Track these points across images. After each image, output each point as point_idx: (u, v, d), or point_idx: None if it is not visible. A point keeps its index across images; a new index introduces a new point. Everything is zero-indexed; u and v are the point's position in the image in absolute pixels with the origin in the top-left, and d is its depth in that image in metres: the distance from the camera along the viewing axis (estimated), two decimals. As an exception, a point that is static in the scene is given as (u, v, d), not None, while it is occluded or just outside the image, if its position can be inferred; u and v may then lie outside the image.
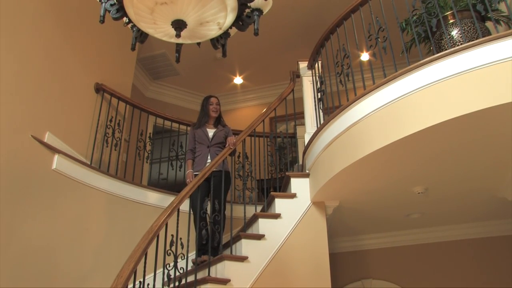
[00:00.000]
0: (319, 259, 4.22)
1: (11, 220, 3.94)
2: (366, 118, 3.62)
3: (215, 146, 4.85)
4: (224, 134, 4.95)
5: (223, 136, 4.92)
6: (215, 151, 4.79)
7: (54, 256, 4.32)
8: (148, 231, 3.43)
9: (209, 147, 4.85)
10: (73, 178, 4.70)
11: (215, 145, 4.86)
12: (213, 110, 5.07)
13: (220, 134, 4.93)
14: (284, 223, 4.29)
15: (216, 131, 4.97)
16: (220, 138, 4.90)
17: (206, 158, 4.80)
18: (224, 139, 4.89)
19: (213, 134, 4.93)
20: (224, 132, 4.98)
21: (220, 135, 4.93)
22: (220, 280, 3.83)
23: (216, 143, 4.87)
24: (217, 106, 5.11)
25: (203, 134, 4.94)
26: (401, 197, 4.48)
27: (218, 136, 4.91)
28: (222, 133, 4.95)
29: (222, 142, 4.89)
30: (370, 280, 5.74)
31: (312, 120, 4.86)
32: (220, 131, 4.97)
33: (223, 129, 5.02)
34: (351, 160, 3.68)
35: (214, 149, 4.82)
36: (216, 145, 4.86)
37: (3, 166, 3.93)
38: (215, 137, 4.91)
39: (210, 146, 4.86)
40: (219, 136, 4.91)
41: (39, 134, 4.42)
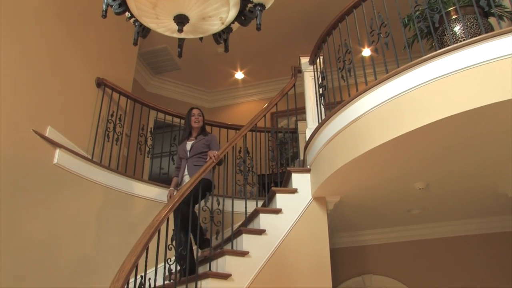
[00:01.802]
0: (320, 254, 4.23)
1: (13, 214, 3.95)
2: (368, 114, 3.61)
3: (193, 158, 4.73)
4: (204, 143, 4.79)
5: (202, 145, 4.77)
6: (192, 163, 4.69)
7: (56, 250, 4.33)
8: (150, 226, 3.43)
9: (187, 160, 4.76)
10: (74, 172, 4.71)
11: (193, 156, 4.74)
12: (195, 121, 4.95)
13: (198, 145, 4.79)
14: (285, 218, 4.29)
15: (194, 142, 4.84)
16: (198, 149, 4.76)
17: (183, 172, 4.74)
18: (205, 148, 4.76)
19: (191, 145, 4.82)
20: (204, 141, 4.82)
21: (198, 145, 4.78)
22: (221, 275, 3.84)
23: (194, 155, 4.74)
24: (199, 117, 4.99)
25: (182, 149, 4.87)
26: (402, 193, 4.48)
27: (195, 147, 4.78)
28: (200, 143, 4.80)
29: (202, 152, 4.74)
30: (371, 276, 5.74)
31: (314, 116, 4.86)
32: (199, 142, 4.83)
33: (203, 138, 4.86)
34: (352, 155, 3.68)
35: (191, 161, 4.71)
36: (195, 156, 4.73)
37: (4, 161, 3.94)
38: (193, 149, 4.78)
39: (187, 159, 4.76)
40: (197, 147, 4.78)
41: (40, 128, 4.42)
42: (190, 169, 4.65)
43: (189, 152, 4.76)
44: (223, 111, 8.76)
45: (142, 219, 4.97)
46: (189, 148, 4.79)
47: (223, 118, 8.20)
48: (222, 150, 4.43)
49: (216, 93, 8.84)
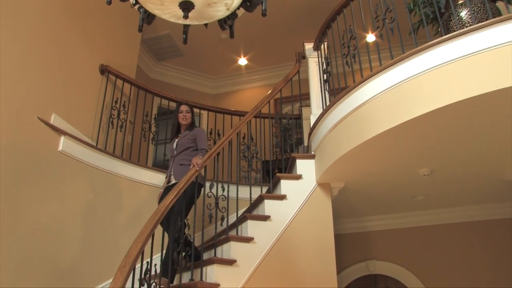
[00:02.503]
0: (324, 240, 4.24)
1: (18, 201, 3.97)
2: (373, 100, 3.60)
3: (179, 156, 4.52)
4: (188, 138, 4.58)
5: (186, 141, 4.56)
6: (178, 161, 4.50)
7: (62, 236, 4.35)
8: (155, 212, 3.44)
9: (173, 158, 4.58)
10: (79, 159, 4.72)
11: (179, 154, 4.54)
12: (182, 118, 4.72)
13: (183, 141, 4.58)
14: (289, 204, 4.30)
15: (180, 138, 4.64)
16: (184, 145, 4.55)
17: (170, 171, 4.55)
18: (190, 143, 4.54)
19: (177, 143, 4.62)
20: (189, 136, 4.60)
21: (184, 141, 4.58)
22: (226, 261, 3.85)
23: (180, 152, 4.54)
24: (187, 113, 4.73)
25: (170, 148, 4.71)
26: (406, 179, 4.48)
27: (181, 144, 4.58)
28: (185, 139, 4.59)
29: (187, 148, 4.54)
30: (374, 261, 5.77)
31: (318, 102, 4.85)
32: (184, 137, 4.61)
33: (188, 133, 4.63)
34: (357, 142, 3.68)
35: (177, 159, 4.51)
36: (181, 154, 4.53)
37: (10, 148, 3.95)
38: (178, 146, 4.58)
39: (174, 157, 4.57)
40: (183, 142, 4.57)
41: (45, 116, 4.43)
42: (175, 169, 4.46)
43: (175, 150, 4.59)
44: (227, 97, 8.75)
45: (147, 205, 4.99)
46: (175, 146, 4.62)
47: (227, 105, 8.20)
48: (226, 137, 4.42)
49: (220, 79, 8.83)
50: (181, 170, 4.37)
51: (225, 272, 3.81)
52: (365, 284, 5.78)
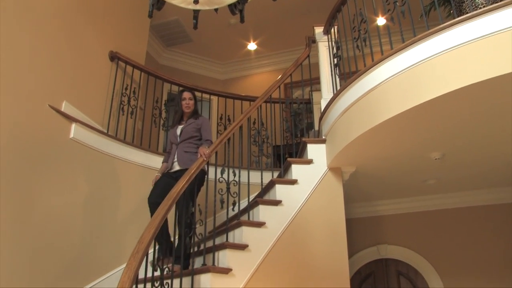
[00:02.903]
0: (336, 224, 4.25)
1: (31, 189, 4.01)
2: (384, 83, 3.57)
3: (183, 143, 4.47)
4: (194, 127, 4.52)
5: (192, 130, 4.50)
6: (182, 148, 4.44)
7: (74, 222, 4.40)
8: (167, 198, 3.46)
9: (177, 145, 4.50)
10: (90, 146, 4.75)
11: (183, 141, 4.47)
12: (185, 105, 4.63)
13: (188, 129, 4.51)
14: (301, 189, 4.30)
15: (184, 126, 4.56)
16: (189, 133, 4.49)
17: (173, 158, 4.47)
18: (195, 132, 4.50)
19: (181, 130, 4.55)
20: (194, 125, 4.53)
21: (189, 129, 4.51)
22: (238, 246, 3.87)
23: (185, 139, 4.48)
24: (190, 101, 4.64)
25: (173, 134, 4.61)
26: (417, 163, 4.46)
27: (186, 132, 4.51)
28: (190, 127, 4.52)
29: (192, 137, 4.49)
30: (386, 246, 5.77)
31: (328, 86, 4.82)
32: (189, 125, 4.54)
33: (193, 122, 4.56)
34: (369, 126, 3.66)
35: (182, 146, 4.45)
36: (185, 141, 4.47)
37: (22, 136, 3.98)
38: (183, 133, 4.51)
39: (178, 144, 4.49)
40: (188, 131, 4.50)
41: (56, 103, 4.45)
42: (180, 156, 4.41)
43: (179, 137, 4.53)
44: (236, 83, 8.74)
45: (158, 191, 5.01)
46: (179, 132, 4.55)
47: (236, 90, 8.19)
48: (237, 122, 4.42)
49: (229, 64, 8.81)
50: (187, 157, 4.36)
51: (237, 256, 3.83)
52: (376, 268, 5.79)
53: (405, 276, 5.65)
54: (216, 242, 3.88)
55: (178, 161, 4.39)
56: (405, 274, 5.65)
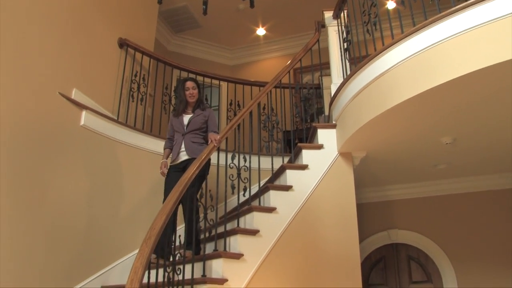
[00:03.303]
0: (347, 209, 4.25)
1: (43, 176, 4.04)
2: (395, 68, 3.55)
3: (190, 134, 4.44)
4: (202, 119, 4.50)
5: (200, 121, 4.48)
6: (189, 139, 4.42)
7: (87, 210, 4.43)
8: (178, 184, 3.47)
9: (183, 135, 4.46)
10: (100, 133, 4.77)
11: (190, 132, 4.45)
12: (189, 95, 4.57)
13: (196, 120, 4.48)
14: (311, 174, 4.30)
15: (192, 116, 4.52)
16: (196, 124, 4.47)
17: (180, 147, 4.43)
18: (203, 124, 4.49)
19: (189, 120, 4.50)
20: (202, 117, 4.51)
21: (197, 120, 4.48)
22: (249, 231, 3.88)
23: (192, 130, 4.46)
24: (193, 90, 4.59)
25: (179, 122, 4.53)
26: (428, 148, 4.44)
27: (194, 122, 4.47)
28: (199, 119, 4.49)
29: (199, 128, 4.47)
30: (396, 230, 5.78)
31: (338, 71, 4.80)
32: (197, 116, 4.51)
33: (201, 113, 4.54)
34: (379, 110, 3.65)
35: (189, 137, 4.44)
36: (192, 132, 4.45)
37: (33, 124, 4.00)
38: (190, 124, 4.48)
39: (184, 134, 4.46)
40: (195, 122, 4.48)
41: (66, 91, 4.46)
42: (187, 146, 4.39)
43: (186, 127, 4.48)
44: (245, 68, 8.71)
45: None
46: (186, 122, 4.50)
47: (246, 75, 8.17)
48: (247, 108, 4.41)
49: (238, 50, 8.77)
50: (196, 147, 4.35)
51: (248, 242, 3.84)
52: (386, 253, 5.80)
53: (415, 261, 5.66)
54: (227, 228, 3.90)
55: (187, 151, 4.37)
56: (416, 258, 5.66)
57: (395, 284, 5.64)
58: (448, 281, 5.38)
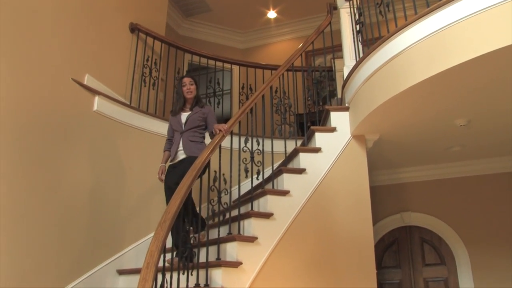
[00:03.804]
0: (360, 192, 4.25)
1: (58, 162, 4.07)
2: (409, 49, 3.51)
3: (188, 132, 4.30)
4: (200, 116, 4.35)
5: (198, 118, 4.34)
6: (187, 137, 4.28)
7: (102, 194, 4.46)
8: (192, 168, 3.48)
9: (181, 134, 4.32)
10: (113, 118, 4.79)
11: (188, 130, 4.31)
12: (187, 91, 4.44)
13: (194, 117, 4.34)
14: (324, 157, 4.30)
15: (190, 114, 4.37)
16: (195, 122, 4.33)
17: (178, 146, 4.29)
18: (201, 122, 4.35)
19: (187, 118, 4.36)
20: (200, 114, 4.37)
21: (195, 118, 4.34)
22: (263, 214, 3.90)
23: (190, 128, 4.31)
24: (191, 86, 4.46)
25: (177, 121, 4.41)
26: (442, 130, 4.41)
27: (192, 120, 4.33)
28: (197, 116, 4.35)
29: (198, 126, 4.34)
30: (409, 213, 5.77)
31: (351, 53, 4.76)
32: (195, 114, 4.37)
33: (199, 110, 4.39)
34: (393, 92, 3.62)
35: (187, 135, 4.29)
36: (191, 130, 4.31)
37: (47, 110, 4.03)
38: (188, 122, 4.33)
39: (183, 132, 4.32)
40: (194, 119, 4.33)
41: (78, 76, 4.48)
42: (185, 145, 4.25)
43: (184, 125, 4.35)
44: (257, 52, 8.68)
45: (182, 162, 5.05)
46: (184, 120, 4.37)
47: (257, 59, 8.15)
48: (259, 91, 4.39)
49: (249, 33, 8.73)
50: (194, 145, 4.23)
51: (262, 225, 3.86)
52: (400, 235, 5.81)
53: (429, 243, 5.66)
54: (241, 211, 3.91)
55: (184, 149, 4.24)
56: (429, 241, 5.66)
57: (408, 266, 5.65)
58: (461, 263, 5.38)
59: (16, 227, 3.59)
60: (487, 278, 5.24)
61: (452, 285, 5.39)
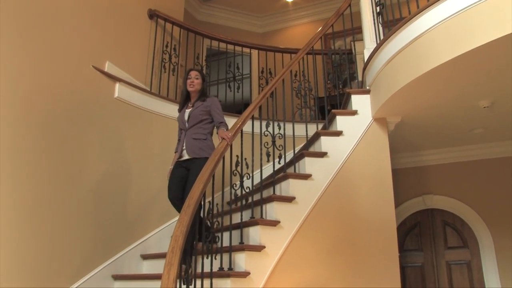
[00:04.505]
0: (382, 175, 4.23)
1: (81, 149, 4.13)
2: (431, 30, 3.46)
3: (192, 129, 4.11)
4: (202, 110, 4.13)
5: (200, 113, 4.13)
6: (190, 135, 4.09)
7: (125, 180, 4.52)
8: (214, 153, 3.50)
9: (185, 132, 4.15)
10: (134, 105, 4.83)
11: (192, 127, 4.11)
12: (189, 84, 4.21)
13: (196, 113, 4.13)
14: (346, 140, 4.28)
15: (192, 110, 4.16)
16: (197, 117, 4.12)
17: (182, 145, 4.13)
18: (204, 115, 4.13)
19: (189, 114, 4.16)
20: (202, 107, 4.15)
21: (197, 113, 4.13)
22: (285, 198, 3.91)
23: (193, 125, 4.11)
24: (195, 79, 4.23)
25: (181, 119, 4.24)
26: (465, 112, 4.36)
27: (194, 116, 4.13)
28: (198, 110, 4.14)
29: (201, 121, 4.12)
30: (431, 196, 5.73)
31: (371, 35, 4.71)
32: (196, 108, 4.15)
33: (201, 104, 4.17)
34: (415, 74, 3.58)
35: (190, 133, 4.10)
36: (194, 127, 4.11)
37: (69, 98, 4.08)
38: (191, 118, 4.13)
39: (186, 130, 4.14)
40: (195, 115, 4.13)
41: (99, 64, 4.52)
42: (188, 144, 4.07)
43: (187, 122, 4.16)
44: (275, 35, 8.63)
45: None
46: (187, 117, 4.18)
47: (275, 42, 8.11)
48: (280, 75, 4.37)
49: (267, 17, 8.68)
50: (196, 145, 4.06)
51: (284, 209, 3.87)
52: (421, 218, 5.78)
53: (451, 226, 5.63)
54: (263, 195, 3.93)
55: (187, 150, 4.08)
56: (451, 224, 5.62)
57: (430, 249, 5.63)
58: (485, 246, 5.34)
59: (42, 211, 3.66)
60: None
61: (475, 268, 5.36)
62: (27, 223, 3.52)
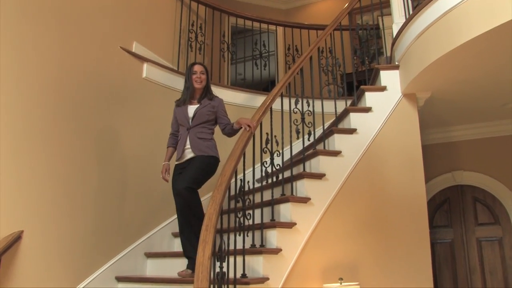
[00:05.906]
0: (412, 151, 4.21)
1: (111, 129, 4.20)
2: (465, 2, 3.38)
3: (196, 128, 3.88)
4: (209, 109, 3.93)
5: (207, 112, 3.92)
6: (195, 134, 3.86)
7: (153, 159, 4.55)
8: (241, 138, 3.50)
9: (188, 130, 3.89)
10: (162, 84, 4.87)
11: (196, 125, 3.88)
12: (196, 80, 3.98)
13: (203, 112, 3.91)
14: (375, 116, 4.25)
15: (199, 107, 3.92)
16: (203, 117, 3.89)
17: (184, 144, 3.87)
18: (211, 116, 3.94)
19: (194, 112, 3.91)
20: (210, 107, 3.94)
21: (203, 112, 3.90)
22: (315, 175, 3.91)
23: (198, 124, 3.89)
24: (202, 75, 4.00)
25: (183, 114, 3.95)
26: (497, 86, 4.28)
27: (200, 114, 3.90)
28: (206, 110, 3.92)
29: (207, 121, 3.92)
30: (461, 172, 5.67)
31: (400, 10, 4.64)
32: (204, 108, 3.93)
33: (208, 103, 3.96)
34: (447, 48, 3.52)
35: (194, 131, 3.87)
36: (199, 126, 3.89)
37: (98, 79, 4.15)
38: (196, 116, 3.89)
39: (190, 128, 3.88)
40: (202, 113, 3.90)
41: (127, 45, 4.55)
42: (193, 143, 3.83)
43: (191, 120, 3.92)
44: (299, 12, 8.53)
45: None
46: (191, 114, 3.93)
47: (299, 19, 8.03)
48: (308, 52, 4.35)
49: (290, -6, 8.60)
50: (202, 143, 3.84)
51: (315, 186, 3.88)
52: (451, 194, 5.73)
53: (481, 203, 5.56)
54: (293, 172, 3.93)
55: (192, 148, 3.83)
56: (482, 200, 5.56)
57: (460, 226, 5.58)
58: (517, 222, 5.29)
59: (73, 189, 3.74)
60: (543, 236, 5.14)
61: (507, 245, 5.31)
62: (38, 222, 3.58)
